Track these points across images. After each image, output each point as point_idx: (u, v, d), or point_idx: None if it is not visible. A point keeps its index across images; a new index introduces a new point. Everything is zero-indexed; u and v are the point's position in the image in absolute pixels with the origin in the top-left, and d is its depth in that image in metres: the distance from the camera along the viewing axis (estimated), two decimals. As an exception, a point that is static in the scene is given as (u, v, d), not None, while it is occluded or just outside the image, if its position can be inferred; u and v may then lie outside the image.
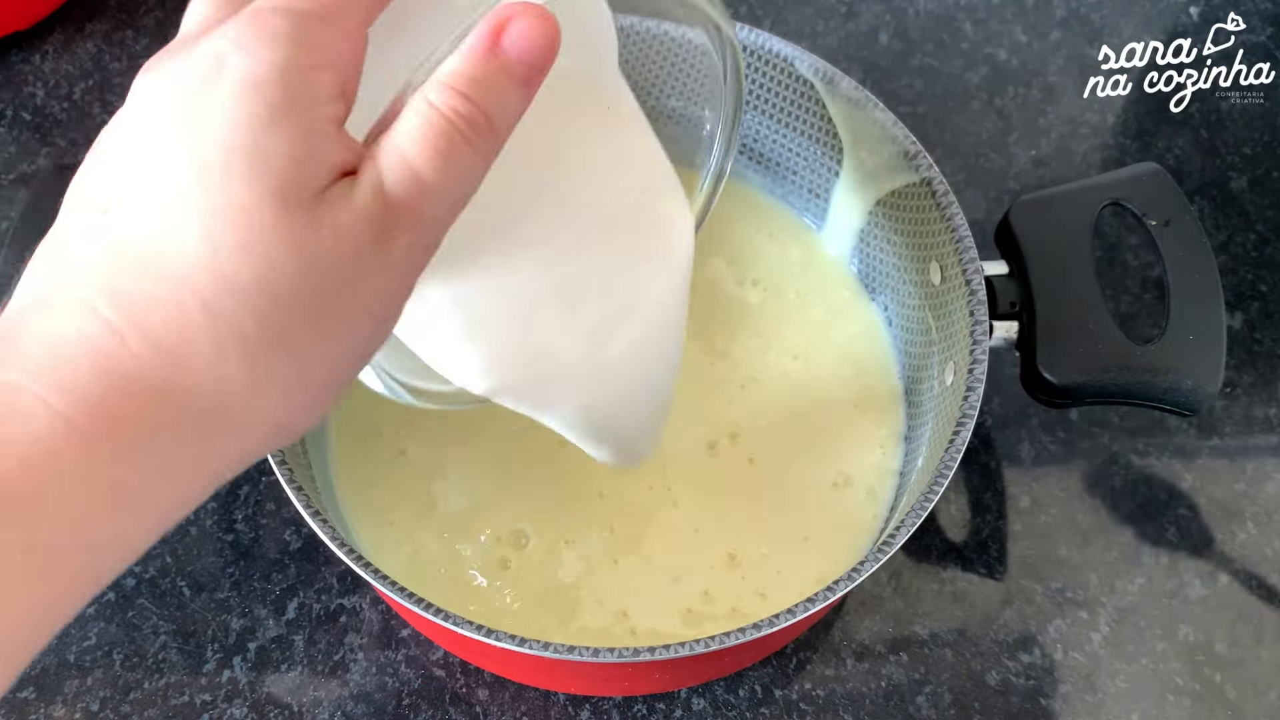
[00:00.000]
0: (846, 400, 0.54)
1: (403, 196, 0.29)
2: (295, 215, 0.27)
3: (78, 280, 0.27)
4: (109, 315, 0.27)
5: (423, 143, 0.29)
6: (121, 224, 0.28)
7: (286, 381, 0.29)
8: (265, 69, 0.28)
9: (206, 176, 0.27)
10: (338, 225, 0.28)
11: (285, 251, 0.27)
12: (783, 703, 0.51)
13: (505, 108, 0.30)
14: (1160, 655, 0.52)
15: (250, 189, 0.27)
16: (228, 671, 0.51)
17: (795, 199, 0.58)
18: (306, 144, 0.28)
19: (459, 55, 0.30)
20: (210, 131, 0.27)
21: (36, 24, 0.68)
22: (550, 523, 0.51)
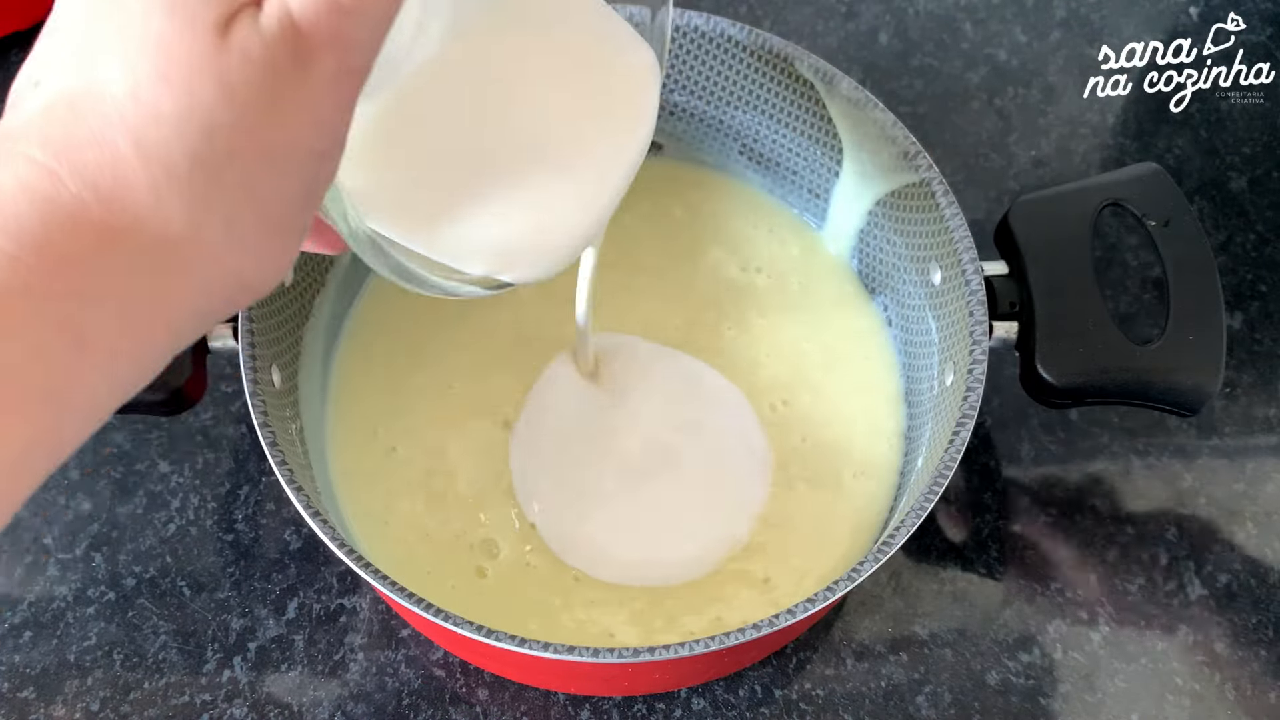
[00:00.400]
0: (857, 386, 0.54)
1: (314, 18, 0.27)
2: (206, 39, 0.26)
3: (14, 137, 0.27)
4: (44, 159, 0.27)
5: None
6: (51, 84, 0.27)
7: (230, 220, 0.28)
8: None
9: (128, 19, 0.26)
10: (247, 50, 0.27)
11: (201, 79, 0.26)
12: (783, 703, 0.51)
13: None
14: (1160, 655, 0.52)
15: (165, 17, 0.26)
16: (228, 671, 0.51)
17: (795, 199, 0.58)
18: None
19: None
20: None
21: (36, 24, 0.67)
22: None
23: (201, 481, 0.55)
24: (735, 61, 0.55)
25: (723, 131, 0.58)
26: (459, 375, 0.54)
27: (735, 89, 0.56)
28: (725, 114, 0.57)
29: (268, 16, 0.27)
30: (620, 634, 0.48)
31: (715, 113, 0.57)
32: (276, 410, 0.46)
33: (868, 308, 0.56)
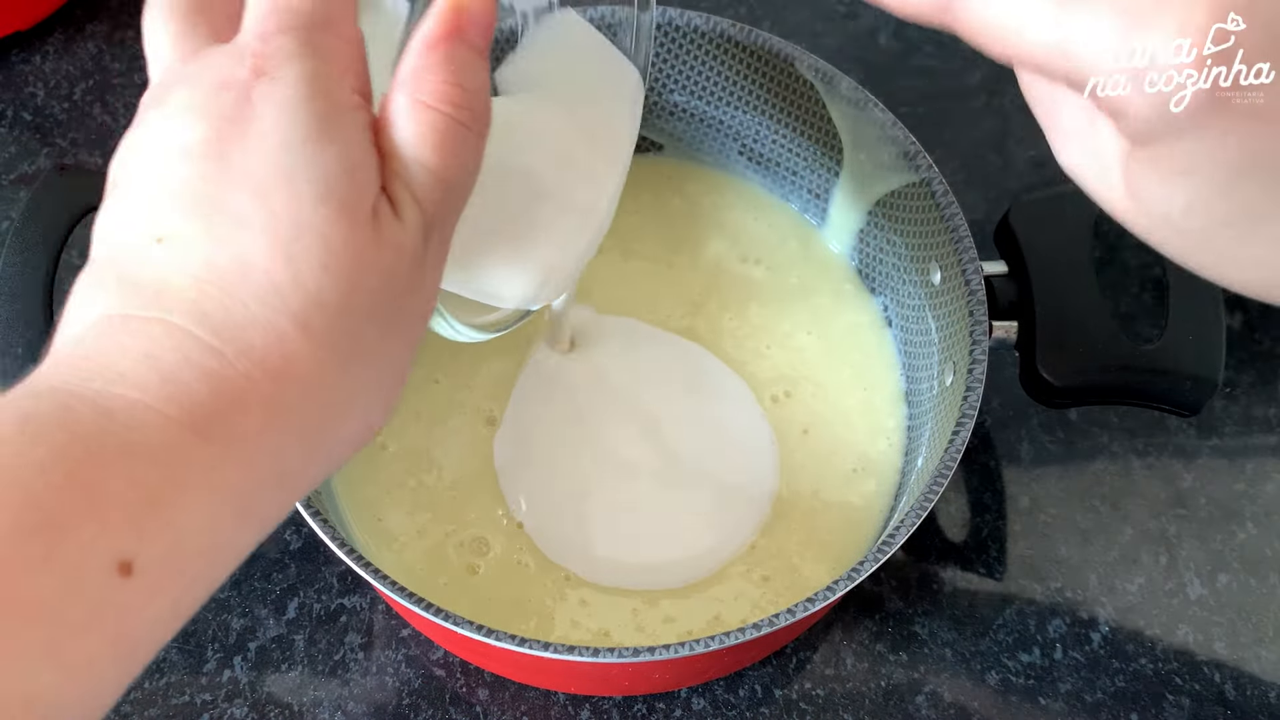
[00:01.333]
0: (857, 384, 0.54)
1: (435, 202, 0.31)
2: (362, 232, 0.29)
3: (156, 306, 0.28)
4: (207, 338, 0.27)
5: (435, 146, 0.31)
6: (186, 253, 0.28)
7: (375, 385, 0.31)
8: (299, 86, 0.29)
9: (271, 200, 0.28)
10: (399, 244, 0.30)
11: (363, 270, 0.29)
12: (783, 703, 0.51)
13: (480, 80, 0.32)
14: (1160, 655, 0.52)
15: (315, 209, 0.28)
16: (228, 671, 0.51)
17: (795, 199, 0.58)
18: (355, 155, 0.29)
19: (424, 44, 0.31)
20: (261, 156, 0.28)
21: (37, 24, 0.68)
22: (537, 506, 0.51)
23: (202, 481, 0.55)
24: (735, 61, 0.55)
25: (723, 131, 0.58)
26: (443, 369, 0.54)
27: (735, 89, 0.56)
28: (725, 114, 0.57)
29: (405, 208, 0.30)
30: (617, 634, 0.48)
31: (715, 113, 0.57)
32: (276, 410, 0.46)
33: (868, 305, 0.56)
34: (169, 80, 0.31)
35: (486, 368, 0.54)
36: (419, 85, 0.31)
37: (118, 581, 0.24)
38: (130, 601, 0.25)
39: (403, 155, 0.31)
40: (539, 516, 0.51)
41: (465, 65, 0.31)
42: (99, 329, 0.28)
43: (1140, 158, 0.29)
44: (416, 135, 0.31)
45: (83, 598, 0.24)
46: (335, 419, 0.30)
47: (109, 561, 0.24)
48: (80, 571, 0.24)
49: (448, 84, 0.31)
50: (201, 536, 0.27)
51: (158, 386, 0.26)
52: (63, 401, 0.26)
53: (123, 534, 0.25)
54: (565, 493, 0.52)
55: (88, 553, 0.24)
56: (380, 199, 0.30)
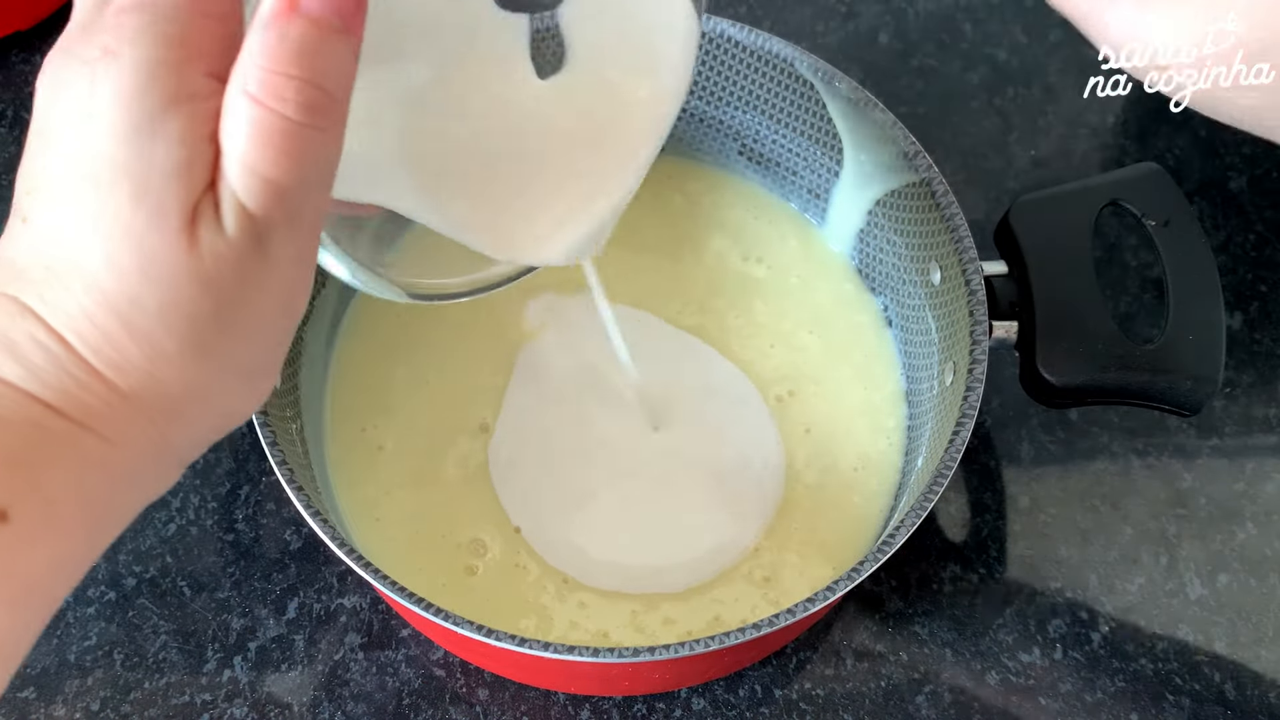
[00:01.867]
0: (858, 383, 0.54)
1: (266, 207, 0.29)
2: (179, 240, 0.28)
3: (15, 283, 0.29)
4: (50, 321, 0.29)
5: (265, 149, 0.28)
6: (36, 235, 0.29)
7: (220, 378, 0.31)
8: (133, 74, 0.28)
9: (99, 193, 0.28)
10: (216, 252, 0.29)
11: (179, 277, 0.29)
12: (783, 702, 0.51)
13: (333, 65, 0.28)
14: (1160, 655, 0.52)
15: (135, 210, 0.28)
16: (228, 671, 0.51)
17: (795, 199, 0.59)
18: (180, 154, 0.28)
19: (260, 24, 0.28)
20: (97, 145, 0.28)
21: (37, 24, 0.67)
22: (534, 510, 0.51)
23: (202, 481, 0.55)
24: (735, 61, 0.55)
25: (723, 131, 0.58)
26: (435, 372, 0.54)
27: (735, 89, 0.56)
28: (725, 114, 0.57)
29: (227, 215, 0.29)
30: (616, 635, 0.48)
31: (715, 113, 0.57)
32: (277, 410, 0.46)
33: (868, 305, 0.56)
34: (66, 34, 0.30)
35: (475, 375, 0.54)
36: (252, 74, 0.28)
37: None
38: (13, 545, 0.27)
39: (230, 158, 0.28)
40: (537, 522, 0.51)
41: (303, 47, 0.28)
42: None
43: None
44: (247, 137, 0.28)
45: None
46: (188, 407, 0.31)
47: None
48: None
49: (276, 74, 0.28)
50: (72, 493, 0.29)
51: (11, 365, 0.28)
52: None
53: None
54: (564, 498, 0.51)
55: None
56: (205, 202, 0.29)
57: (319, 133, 0.29)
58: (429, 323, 0.55)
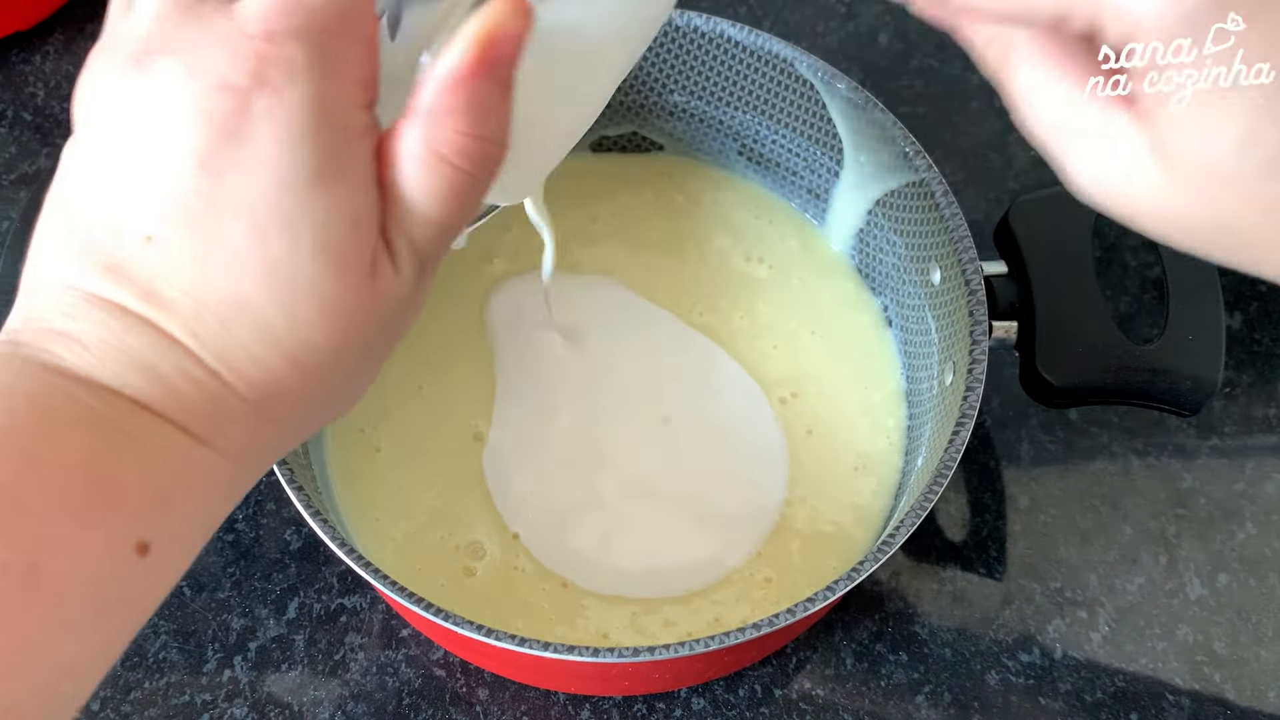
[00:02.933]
0: (858, 383, 0.54)
1: (433, 247, 0.30)
2: (360, 289, 0.29)
3: (149, 305, 0.28)
4: (205, 358, 0.28)
5: (444, 200, 0.29)
6: (177, 265, 0.28)
7: (351, 392, 0.32)
8: (305, 114, 0.27)
9: (268, 243, 0.28)
10: (392, 293, 0.30)
11: (359, 320, 0.29)
12: (783, 702, 0.51)
13: (502, 121, 0.29)
14: (1160, 655, 0.52)
15: (315, 262, 0.28)
16: (228, 671, 0.51)
17: (795, 199, 0.59)
18: (359, 203, 0.28)
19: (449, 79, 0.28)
20: (259, 190, 0.27)
21: (37, 24, 0.68)
22: (532, 516, 0.51)
23: (202, 481, 0.55)
24: (735, 62, 0.55)
25: (723, 132, 0.58)
26: (426, 376, 0.54)
27: (735, 89, 0.56)
28: (725, 114, 0.57)
29: (403, 260, 0.30)
30: (615, 635, 0.48)
31: (715, 113, 0.57)
32: (277, 410, 0.46)
33: (869, 305, 0.56)
34: (159, 29, 0.28)
35: (467, 377, 0.54)
36: (437, 133, 0.28)
37: (138, 560, 0.27)
38: (149, 575, 0.28)
39: (408, 206, 0.29)
40: (535, 528, 0.51)
41: (490, 109, 0.29)
42: (89, 309, 0.28)
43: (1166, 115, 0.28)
44: (427, 190, 0.29)
45: (113, 575, 0.27)
46: (314, 422, 0.32)
47: (130, 545, 0.27)
48: (110, 556, 0.27)
49: (468, 136, 0.28)
50: (200, 518, 0.30)
51: (162, 396, 0.28)
52: (70, 392, 0.27)
53: (140, 521, 0.27)
54: (562, 503, 0.51)
55: (114, 540, 0.27)
56: (379, 248, 0.29)
57: (484, 181, 0.30)
58: (419, 325, 0.55)
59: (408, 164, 0.29)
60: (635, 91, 0.57)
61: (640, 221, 0.58)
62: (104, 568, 0.27)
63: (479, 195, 0.30)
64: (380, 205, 0.29)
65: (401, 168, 0.29)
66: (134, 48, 0.29)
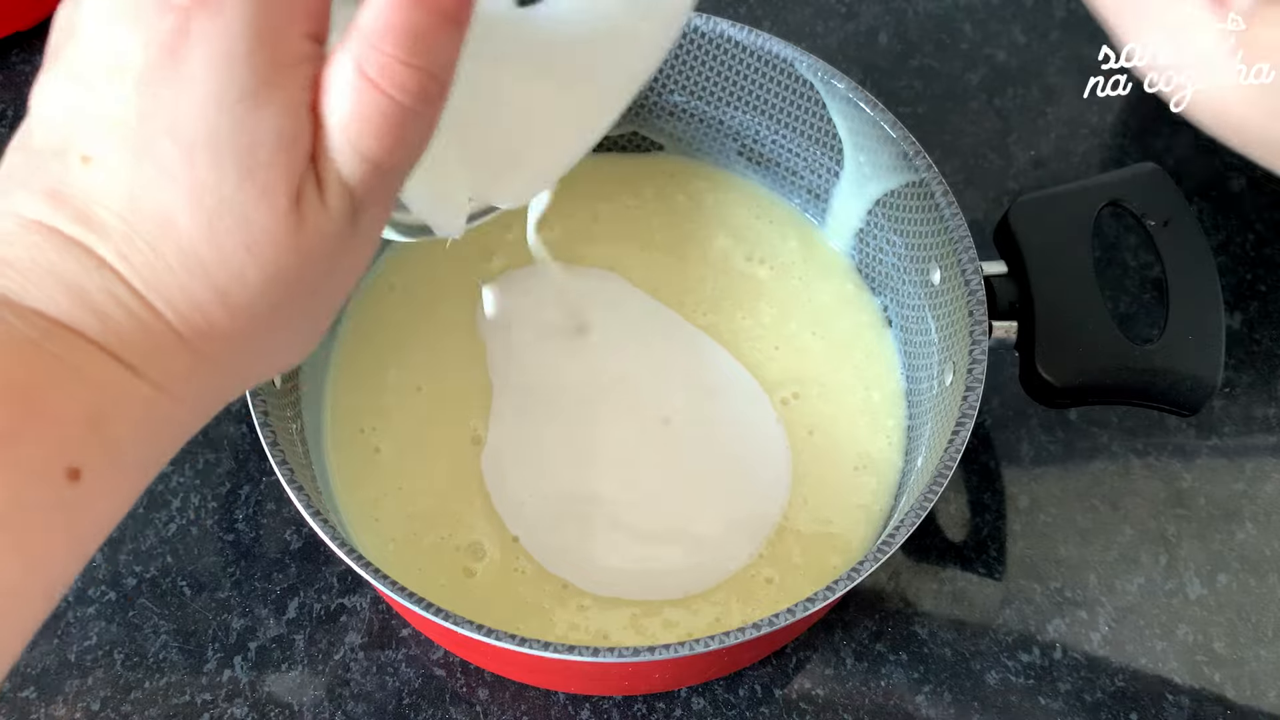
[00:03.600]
0: (859, 384, 0.54)
1: (367, 185, 0.29)
2: (286, 218, 0.28)
3: (81, 226, 0.28)
4: (135, 284, 0.28)
5: (376, 132, 0.28)
6: (110, 182, 0.28)
7: (295, 338, 0.32)
8: (241, 33, 0.27)
9: (196, 160, 0.27)
10: (319, 227, 0.29)
11: (284, 252, 0.29)
12: (783, 702, 0.51)
13: (446, 56, 0.28)
14: (1160, 655, 0.52)
15: (240, 186, 0.28)
16: (228, 671, 0.51)
17: (795, 199, 0.59)
18: (287, 126, 0.28)
19: (382, 4, 0.27)
20: (191, 106, 0.27)
21: (37, 24, 0.68)
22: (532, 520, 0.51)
23: (202, 481, 0.55)
24: (735, 61, 0.55)
25: (723, 132, 0.58)
26: (424, 377, 0.54)
27: (735, 89, 0.56)
28: (725, 114, 0.57)
29: (331, 192, 0.29)
30: (615, 636, 0.48)
31: (715, 113, 0.57)
32: (277, 410, 0.46)
33: (869, 305, 0.56)
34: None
35: (466, 379, 0.54)
36: (371, 56, 0.27)
37: (68, 485, 0.27)
38: (80, 501, 0.28)
39: (338, 137, 0.28)
40: (535, 532, 0.50)
41: (432, 38, 0.28)
42: (25, 233, 0.28)
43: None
44: (358, 118, 0.28)
45: (40, 499, 0.27)
46: (254, 364, 0.32)
47: (59, 468, 0.27)
48: (36, 477, 0.27)
49: (404, 64, 0.27)
50: (139, 451, 0.29)
51: (93, 323, 0.28)
52: (7, 311, 0.27)
53: (70, 446, 0.27)
54: (562, 507, 0.51)
55: (41, 461, 0.27)
56: (308, 177, 0.28)
57: (425, 119, 0.29)
58: (418, 325, 0.55)
59: (338, 87, 0.28)
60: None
61: (642, 221, 0.58)
62: (30, 490, 0.27)
63: (416, 134, 0.29)
64: (312, 134, 0.28)
65: (331, 91, 0.28)
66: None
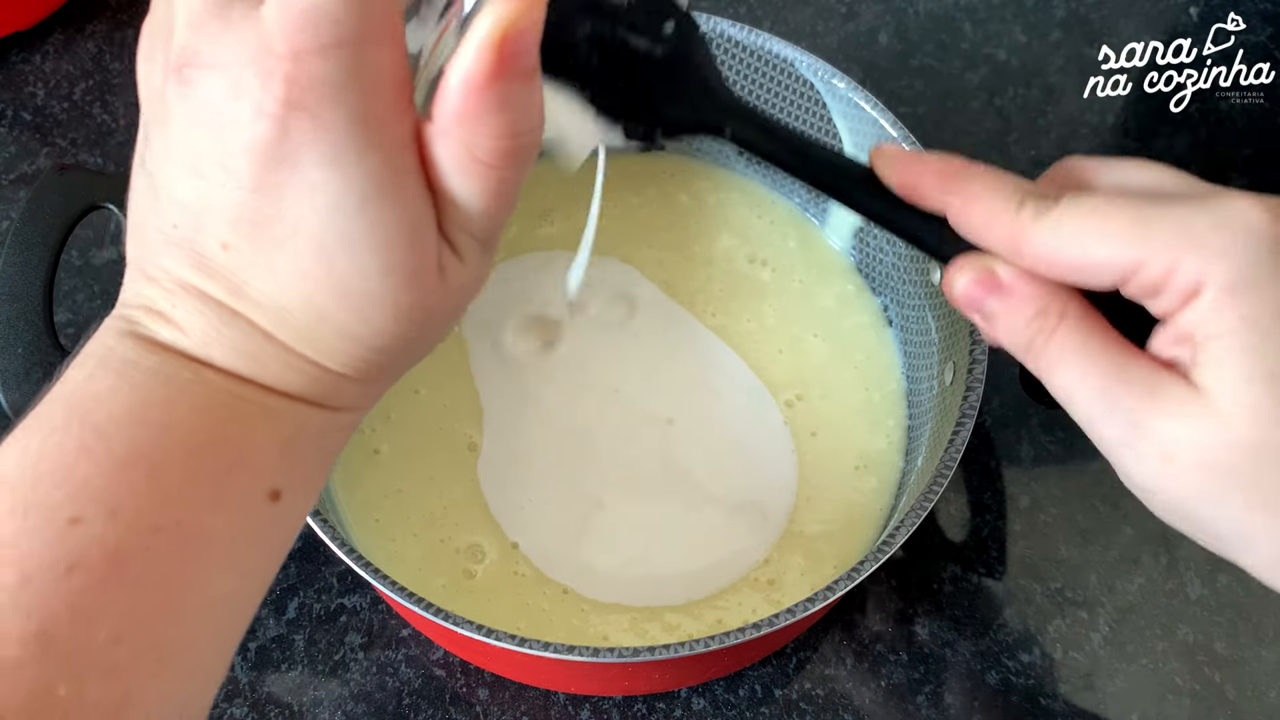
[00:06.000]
0: (860, 384, 0.54)
1: (493, 230, 0.31)
2: (432, 290, 0.30)
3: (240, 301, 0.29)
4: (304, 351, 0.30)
5: (495, 195, 0.29)
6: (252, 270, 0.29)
7: (437, 339, 0.33)
8: (348, 135, 0.27)
9: (333, 262, 0.28)
10: (461, 280, 0.30)
11: (434, 312, 0.30)
12: (783, 702, 0.51)
13: (536, 109, 0.29)
14: (1160, 655, 0.52)
15: (384, 280, 0.29)
16: (228, 671, 0.50)
17: (796, 198, 0.59)
18: (415, 214, 0.28)
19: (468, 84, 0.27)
20: (314, 212, 0.27)
21: (37, 24, 0.68)
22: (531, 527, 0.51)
23: (202, 481, 0.55)
24: (735, 61, 0.55)
25: (723, 131, 0.58)
26: (424, 380, 0.54)
27: (735, 89, 0.56)
28: (725, 114, 0.57)
29: (466, 249, 0.30)
30: (615, 638, 0.48)
31: (715, 113, 0.57)
32: (277, 410, 0.46)
33: (870, 305, 0.56)
34: (193, 40, 0.27)
35: (465, 380, 0.54)
36: (473, 140, 0.28)
37: (271, 506, 0.30)
38: (281, 517, 0.31)
39: (460, 208, 0.29)
40: (534, 538, 0.50)
41: (520, 106, 0.28)
42: (187, 297, 0.29)
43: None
44: (475, 192, 0.29)
45: (250, 524, 0.30)
46: (408, 365, 0.33)
47: (263, 494, 0.30)
48: (246, 505, 0.30)
49: (504, 139, 0.28)
50: (322, 460, 0.33)
51: (271, 377, 0.30)
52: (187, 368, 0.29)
53: (270, 473, 0.30)
54: (561, 513, 0.51)
55: (249, 492, 0.30)
56: (442, 246, 0.29)
57: (530, 159, 0.30)
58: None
59: (451, 171, 0.28)
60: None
61: (647, 221, 0.58)
62: (242, 517, 0.30)
63: (525, 174, 0.30)
64: (434, 208, 0.29)
65: (445, 175, 0.29)
66: (173, 56, 0.28)
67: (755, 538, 0.50)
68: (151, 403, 0.29)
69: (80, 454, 0.28)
